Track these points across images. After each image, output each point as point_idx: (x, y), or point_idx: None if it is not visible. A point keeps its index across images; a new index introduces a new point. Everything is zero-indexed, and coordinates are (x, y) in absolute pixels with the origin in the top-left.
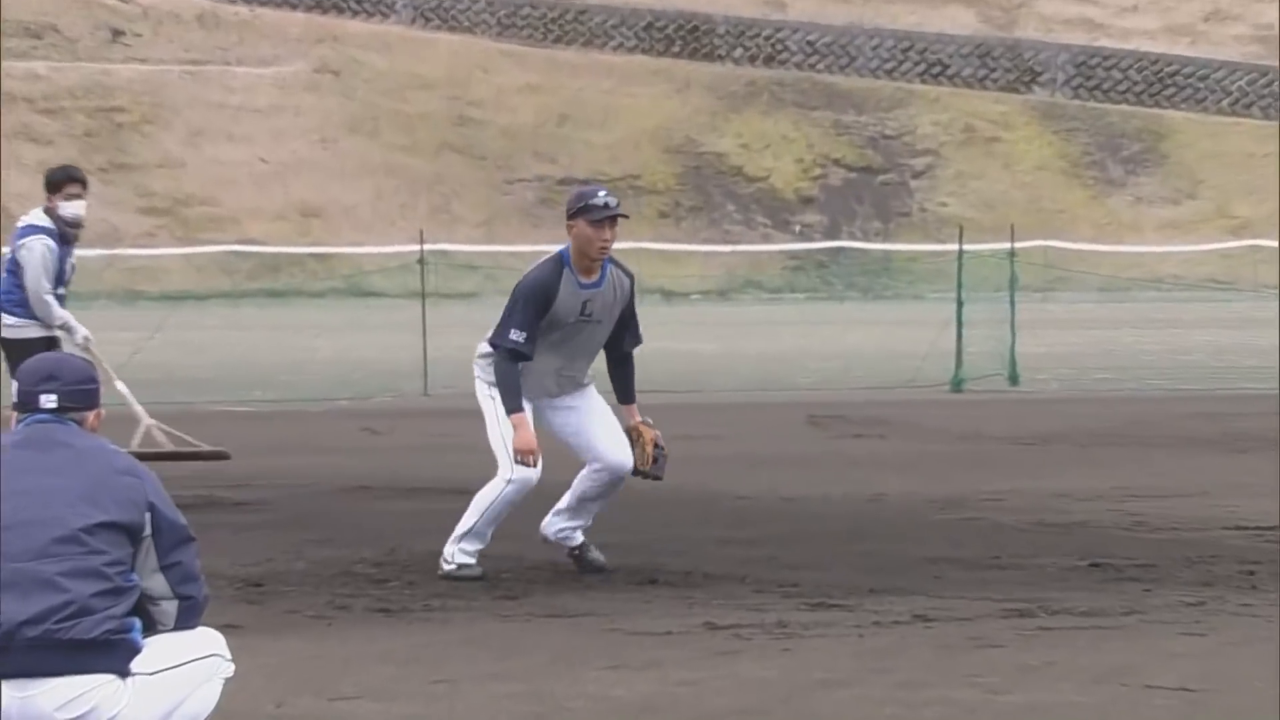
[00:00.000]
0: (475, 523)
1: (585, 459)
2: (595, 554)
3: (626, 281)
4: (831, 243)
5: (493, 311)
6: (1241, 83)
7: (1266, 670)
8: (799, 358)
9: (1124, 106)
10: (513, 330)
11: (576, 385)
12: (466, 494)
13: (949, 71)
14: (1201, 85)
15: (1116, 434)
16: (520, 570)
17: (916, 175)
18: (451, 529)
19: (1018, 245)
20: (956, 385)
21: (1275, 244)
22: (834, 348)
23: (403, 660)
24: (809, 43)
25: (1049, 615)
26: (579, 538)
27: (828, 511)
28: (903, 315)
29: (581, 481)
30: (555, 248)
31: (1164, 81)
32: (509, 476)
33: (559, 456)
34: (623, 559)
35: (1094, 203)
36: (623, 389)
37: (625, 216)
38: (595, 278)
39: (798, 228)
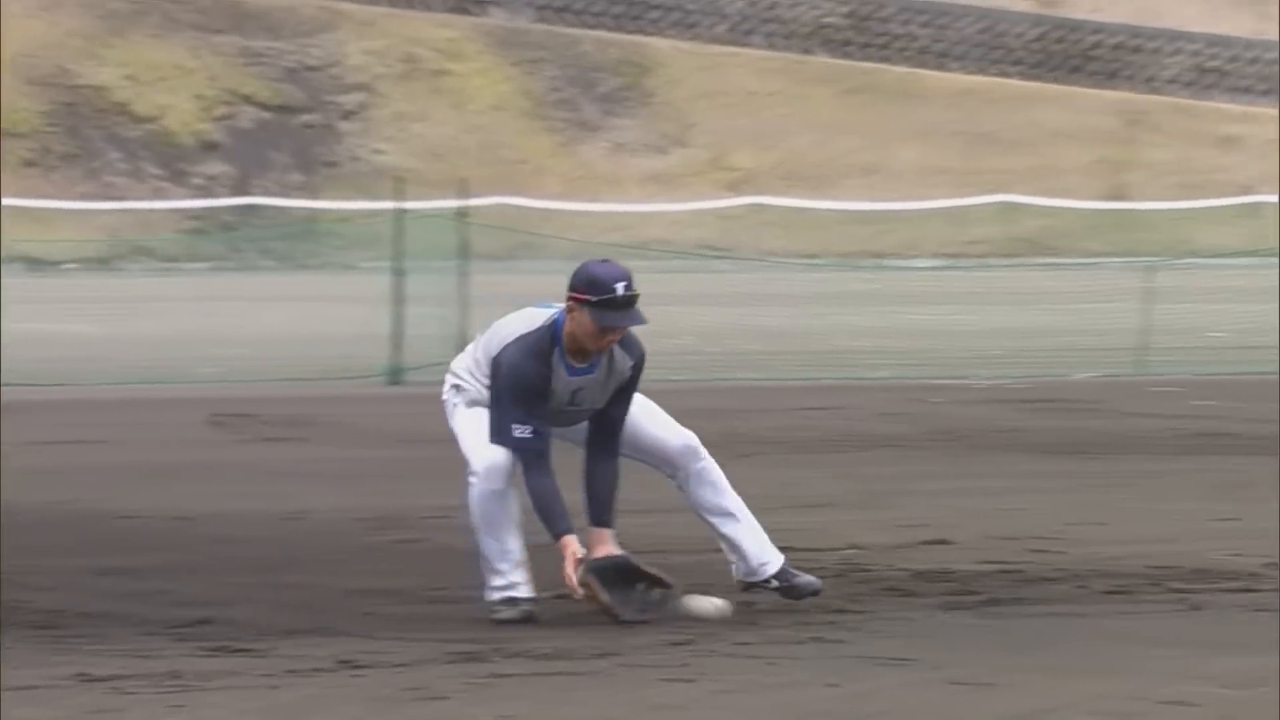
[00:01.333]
0: (481, 547)
1: (652, 463)
2: (804, 578)
3: (627, 365)
4: (241, 199)
5: None
6: (741, 4)
7: None
8: (200, 343)
9: (600, 33)
10: (514, 426)
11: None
12: None
13: None
14: (693, 8)
15: None
16: None
17: (346, 116)
18: None
19: (470, 203)
20: (395, 376)
21: (780, 202)
22: (245, 330)
23: None
24: None
25: (504, 659)
26: (748, 564)
27: (235, 534)
28: (331, 290)
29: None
30: None
31: (648, 2)
32: (473, 469)
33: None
34: None
35: (563, 151)
36: (597, 504)
37: (645, 322)
38: (588, 363)
39: (199, 180)
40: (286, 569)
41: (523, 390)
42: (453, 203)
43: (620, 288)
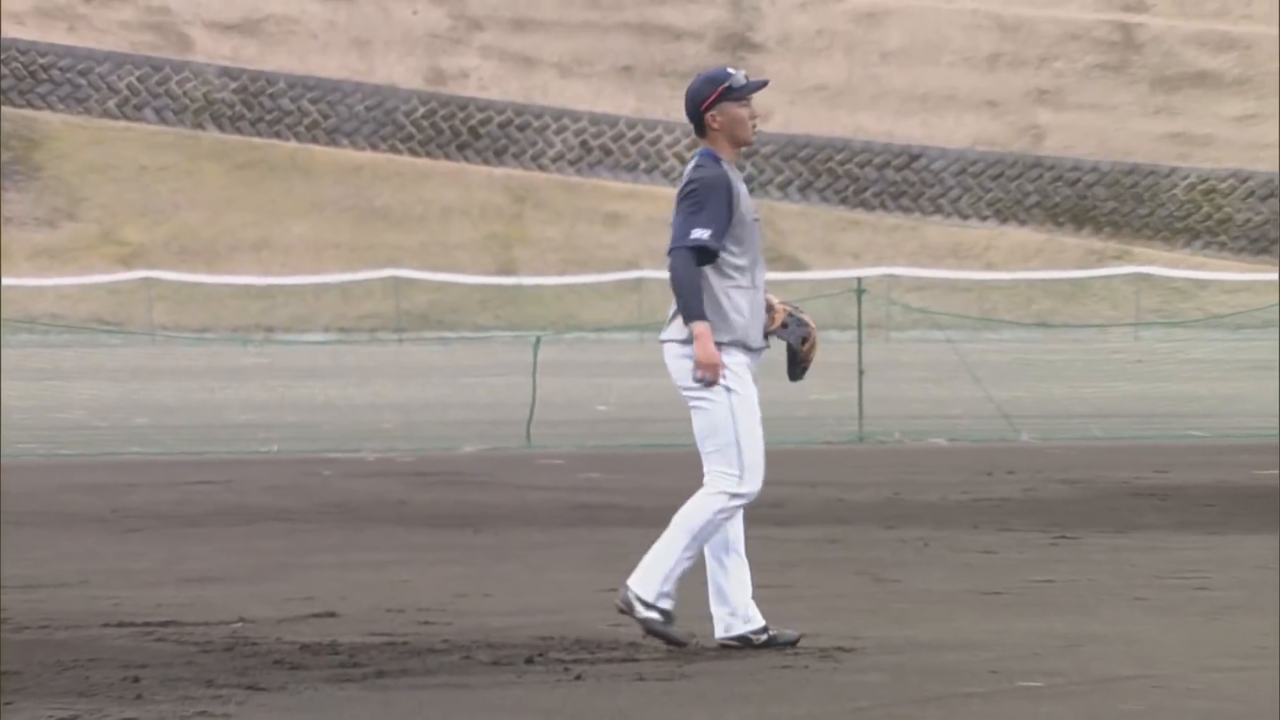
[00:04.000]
0: (683, 551)
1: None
2: (784, 633)
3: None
4: None
5: None
6: (132, 79)
7: None
8: None
9: None
10: (696, 229)
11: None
12: None
13: None
14: (83, 82)
15: None
16: None
17: None
18: None
19: None
20: None
21: (171, 276)
22: None
23: None
24: None
25: None
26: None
27: None
28: None
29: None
30: None
31: (38, 76)
32: (737, 489)
33: None
34: None
35: None
36: None
37: (766, 81)
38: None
39: None
40: None
41: (719, 188)
42: None
43: (729, 69)
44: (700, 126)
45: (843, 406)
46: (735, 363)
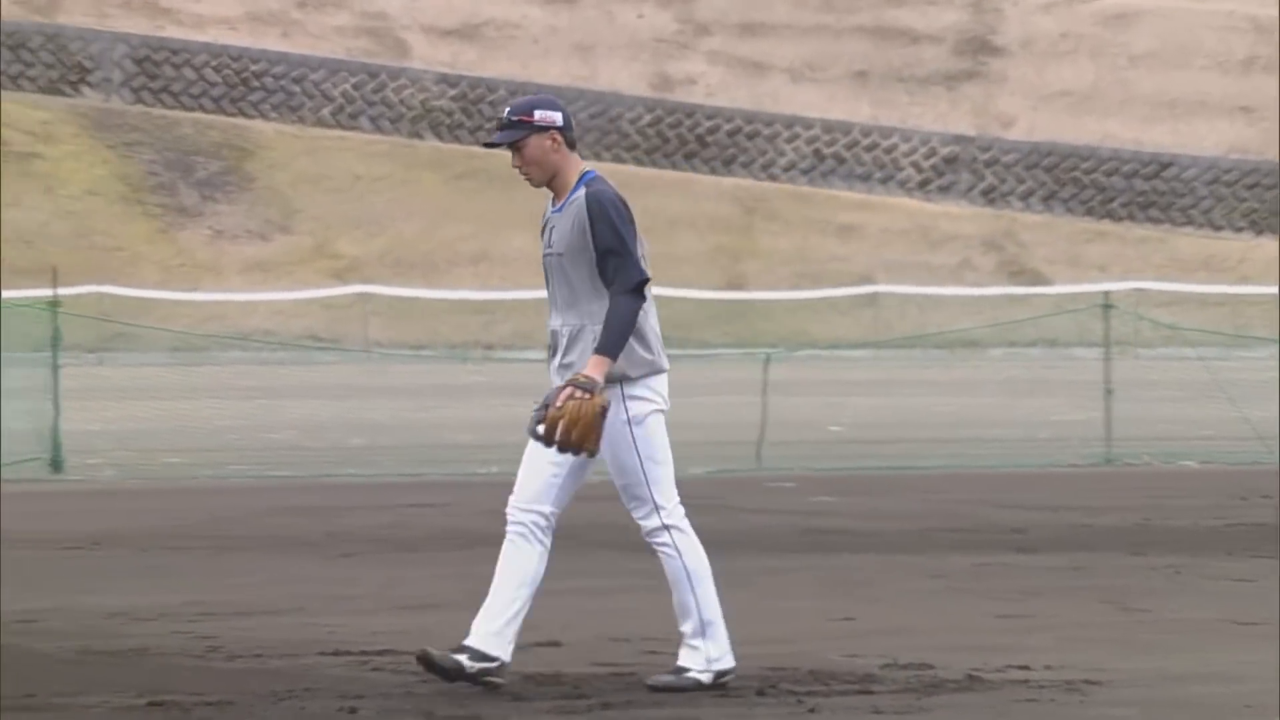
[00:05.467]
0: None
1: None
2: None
3: (579, 196)
4: None
5: None
6: (347, 86)
7: None
8: None
9: (199, 114)
10: None
11: (573, 354)
12: None
13: None
14: (296, 89)
15: (189, 534)
16: None
17: None
18: None
19: (63, 292)
20: None
21: (387, 290)
22: None
23: None
24: None
25: None
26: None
27: None
28: None
29: None
30: None
31: (249, 84)
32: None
33: None
34: None
35: (161, 237)
36: (601, 335)
37: (498, 145)
38: (561, 202)
39: None
40: None
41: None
42: (44, 291)
43: (504, 111)
44: None
45: (1089, 427)
46: None
